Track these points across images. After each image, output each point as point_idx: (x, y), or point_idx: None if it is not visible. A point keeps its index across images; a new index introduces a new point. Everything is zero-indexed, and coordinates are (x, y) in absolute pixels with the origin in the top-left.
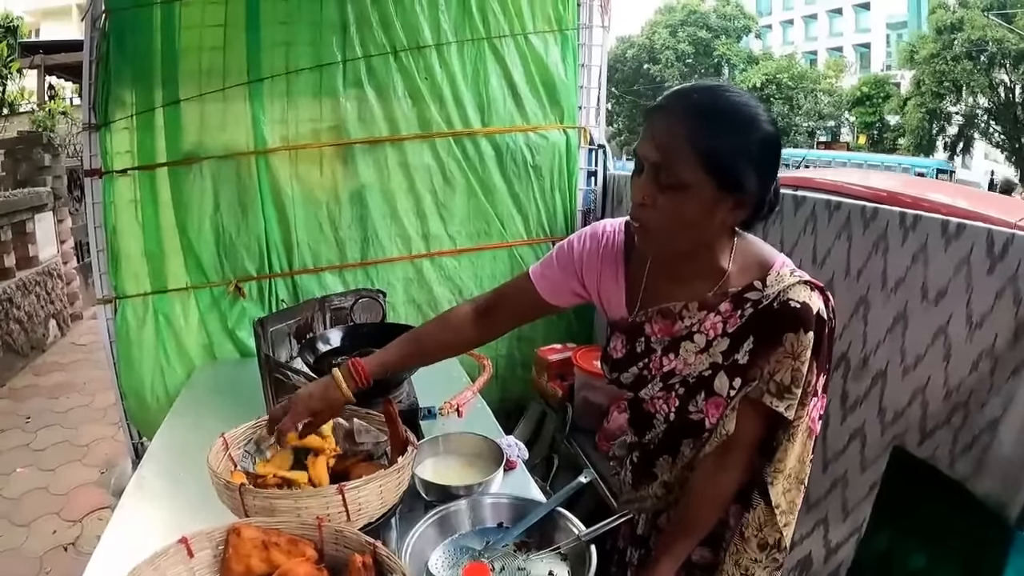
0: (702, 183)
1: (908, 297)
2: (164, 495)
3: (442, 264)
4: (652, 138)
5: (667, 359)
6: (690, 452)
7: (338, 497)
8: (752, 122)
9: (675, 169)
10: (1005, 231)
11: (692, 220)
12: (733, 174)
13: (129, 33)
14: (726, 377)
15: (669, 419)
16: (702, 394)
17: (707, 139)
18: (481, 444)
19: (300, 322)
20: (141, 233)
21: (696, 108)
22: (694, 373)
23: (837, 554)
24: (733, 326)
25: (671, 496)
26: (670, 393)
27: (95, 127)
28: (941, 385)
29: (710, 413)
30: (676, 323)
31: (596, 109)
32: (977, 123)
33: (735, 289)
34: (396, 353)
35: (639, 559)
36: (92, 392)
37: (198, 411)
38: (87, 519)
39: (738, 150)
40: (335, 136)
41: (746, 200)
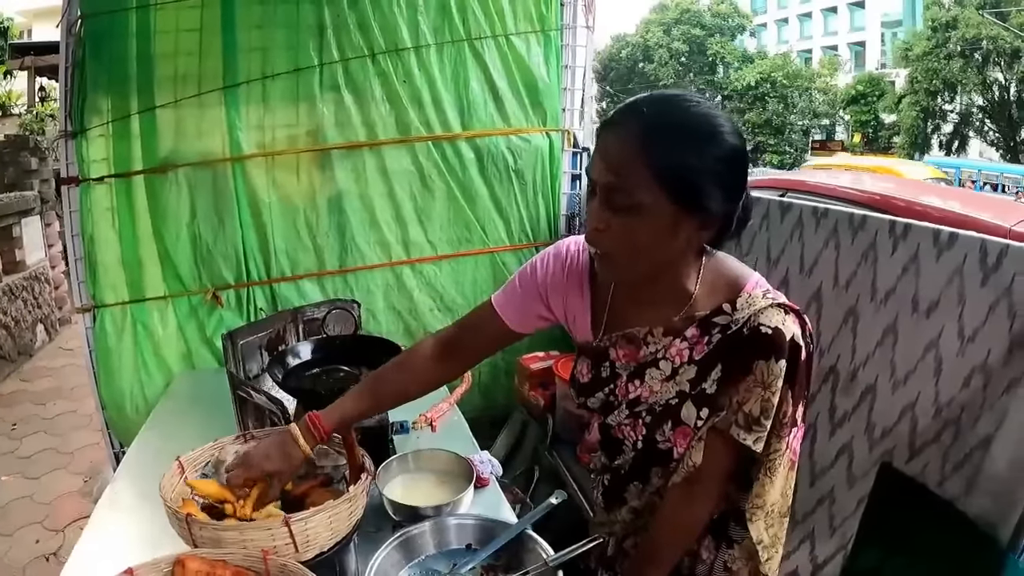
0: (660, 204)
1: (899, 309)
2: (137, 508)
3: (423, 271)
4: (603, 158)
5: (632, 385)
6: (659, 480)
7: (284, 529)
8: (712, 135)
9: (629, 190)
10: (999, 241)
11: (651, 244)
12: (693, 193)
13: (104, 39)
14: (693, 407)
15: (637, 447)
16: (669, 423)
17: (662, 156)
18: (452, 461)
19: (272, 334)
20: (118, 241)
21: (649, 123)
22: (660, 401)
23: (824, 570)
24: (700, 353)
25: (639, 521)
26: (637, 420)
27: (71, 134)
28: (931, 401)
29: (678, 443)
30: (641, 349)
31: (580, 111)
32: (972, 121)
33: (702, 313)
34: (353, 405)
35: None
36: (79, 398)
37: (174, 421)
38: (69, 528)
39: (697, 166)
40: (312, 141)
41: (710, 220)
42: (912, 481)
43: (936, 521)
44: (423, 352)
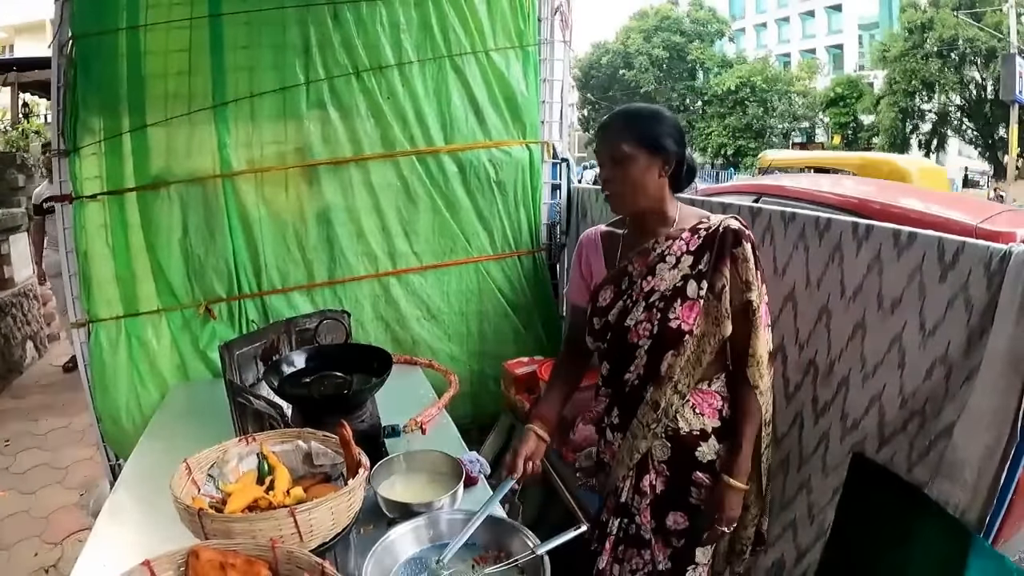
0: (637, 152)
1: (866, 305)
2: (137, 519)
3: (409, 281)
4: (603, 138)
5: (646, 281)
6: (667, 369)
7: (290, 519)
8: (660, 112)
9: (620, 150)
10: (956, 239)
11: (637, 179)
12: (656, 140)
13: (95, 59)
14: (695, 283)
15: (653, 334)
16: (678, 301)
17: (634, 126)
18: (442, 461)
19: (266, 345)
20: (112, 257)
21: (624, 112)
22: (670, 286)
23: (806, 557)
24: (694, 245)
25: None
26: (651, 311)
27: (64, 153)
28: (897, 392)
29: (685, 316)
30: (650, 255)
31: (559, 123)
32: (950, 120)
33: (689, 226)
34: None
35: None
36: (71, 414)
37: (171, 433)
38: (67, 541)
39: (654, 127)
40: (300, 158)
41: (670, 158)
42: (883, 469)
43: (906, 507)
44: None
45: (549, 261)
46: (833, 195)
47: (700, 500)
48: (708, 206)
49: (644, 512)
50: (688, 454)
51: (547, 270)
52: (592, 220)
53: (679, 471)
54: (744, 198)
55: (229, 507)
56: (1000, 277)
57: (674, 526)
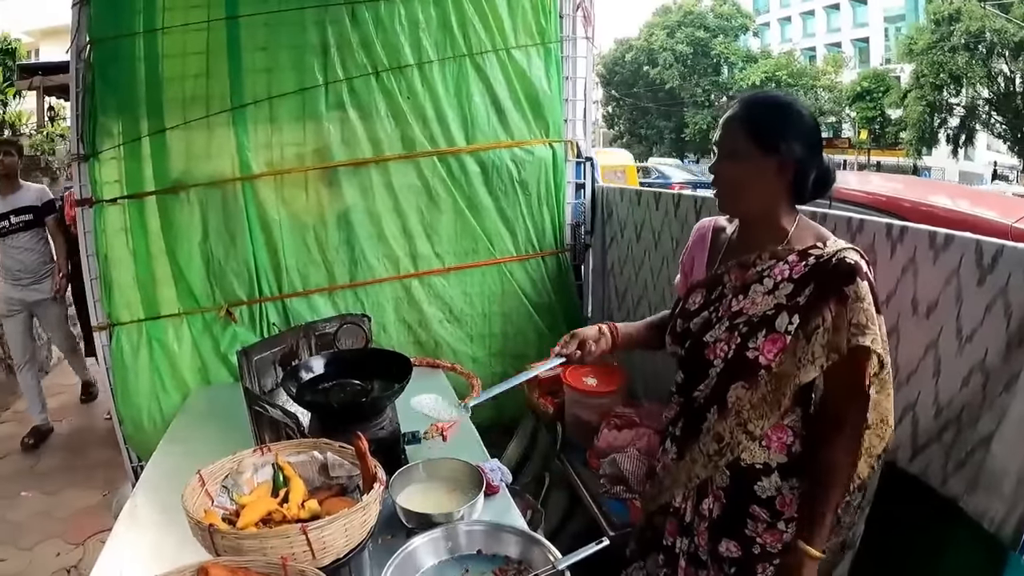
0: (749, 149)
1: (900, 310)
2: (156, 523)
3: (431, 283)
4: (721, 128)
5: (736, 300)
6: (734, 401)
7: (302, 537)
8: (786, 104)
9: (732, 144)
10: (995, 242)
11: (745, 180)
12: (774, 139)
13: (113, 63)
14: (787, 316)
15: (728, 358)
16: (763, 331)
17: (755, 118)
18: (463, 469)
19: (285, 350)
20: (132, 261)
21: (750, 101)
22: (759, 313)
23: (835, 570)
24: (798, 273)
25: (722, 447)
26: (733, 333)
27: (84, 157)
28: (932, 401)
29: (766, 350)
30: (750, 270)
31: (583, 121)
32: (978, 114)
33: (800, 247)
34: (635, 331)
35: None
36: (94, 414)
37: (191, 437)
38: (90, 542)
39: (778, 123)
40: (319, 159)
41: (787, 163)
42: (916, 480)
43: (939, 520)
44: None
45: (573, 262)
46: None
47: (756, 533)
48: None
49: (702, 535)
50: (747, 487)
51: (571, 271)
52: (618, 219)
53: (736, 501)
54: None
55: (242, 521)
56: None
57: (727, 553)
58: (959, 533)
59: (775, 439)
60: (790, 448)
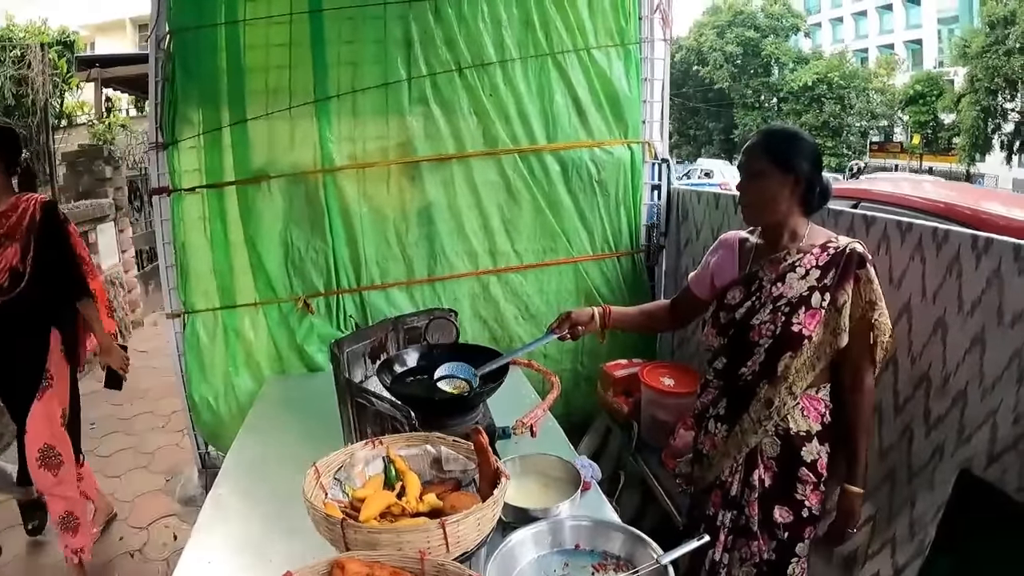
0: (772, 170)
1: (985, 320)
2: (241, 513)
3: (508, 280)
4: (745, 154)
5: (776, 287)
6: (783, 369)
7: (439, 531)
8: (796, 134)
9: (756, 166)
10: None
11: (769, 194)
12: (789, 161)
13: (193, 53)
14: (819, 295)
15: (775, 335)
16: (803, 308)
17: (772, 145)
18: (557, 465)
19: (374, 343)
20: (210, 250)
21: (767, 132)
22: (796, 295)
23: (903, 574)
24: (823, 261)
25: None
26: (776, 314)
27: (162, 146)
28: (1012, 409)
29: (807, 323)
30: (782, 263)
31: (660, 123)
32: None
33: (820, 242)
34: (629, 316)
35: (731, 520)
36: (155, 399)
37: (269, 427)
38: (154, 526)
39: (790, 148)
40: (402, 153)
41: (802, 179)
42: (992, 487)
43: (1014, 527)
44: (664, 306)
45: (647, 263)
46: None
47: (804, 496)
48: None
49: (752, 505)
50: (795, 452)
51: (645, 272)
52: (694, 222)
53: (787, 467)
54: (841, 203)
55: (363, 514)
56: None
57: (780, 519)
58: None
59: (813, 410)
60: (823, 418)
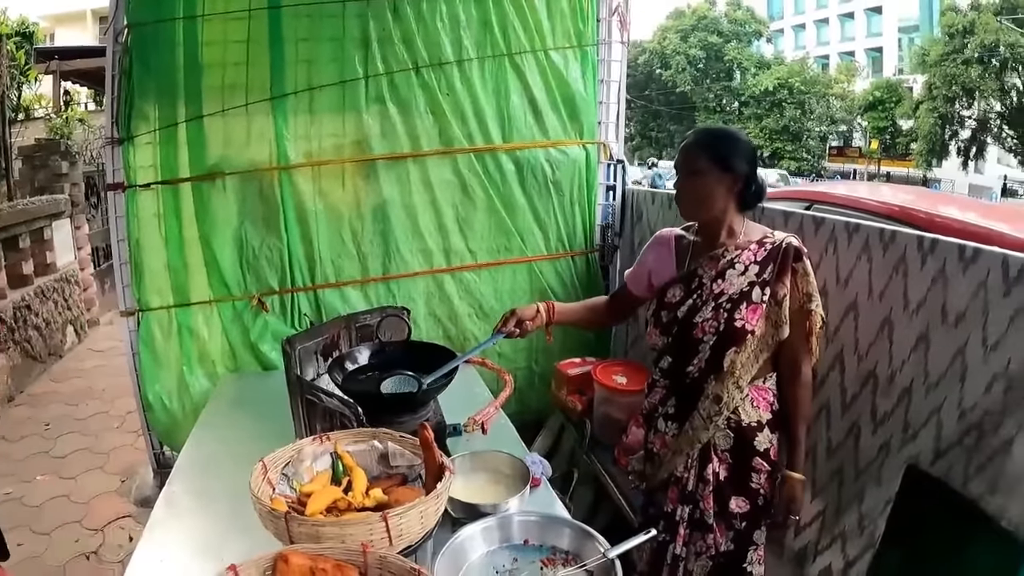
0: (711, 168)
1: (929, 319)
2: (194, 511)
3: (463, 279)
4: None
5: (716, 284)
6: (729, 364)
7: (382, 524)
8: (734, 134)
9: (695, 164)
10: (1021, 256)
11: (707, 192)
12: (728, 160)
13: (151, 48)
14: (759, 290)
15: (718, 331)
16: (744, 304)
17: (711, 144)
18: (507, 461)
19: (326, 340)
20: (164, 247)
21: (705, 131)
22: (737, 291)
23: (854, 567)
24: (761, 256)
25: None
26: (719, 311)
27: (118, 141)
28: (956, 406)
29: (749, 317)
30: (721, 260)
31: (615, 124)
32: (990, 127)
33: (756, 237)
34: (572, 311)
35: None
36: (110, 399)
37: (223, 425)
38: (109, 528)
39: (729, 148)
40: (358, 152)
41: (739, 178)
42: (938, 481)
43: (959, 520)
44: (604, 302)
45: (601, 262)
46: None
47: (759, 485)
48: (771, 215)
49: (707, 498)
50: (748, 443)
51: (600, 271)
52: (648, 222)
53: (741, 458)
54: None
55: (310, 509)
56: None
57: (737, 510)
58: (979, 532)
59: (762, 400)
60: (772, 406)
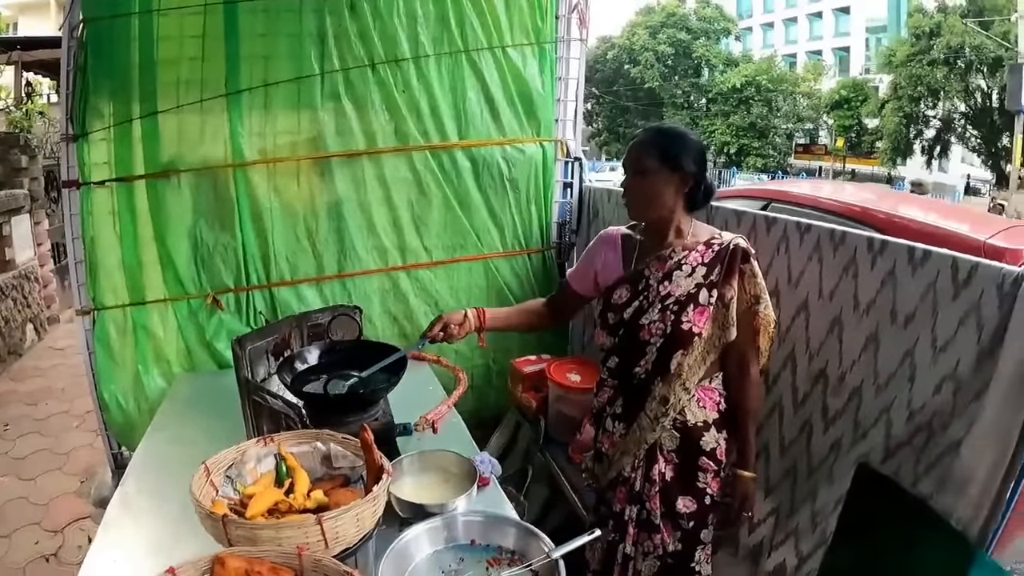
0: (659, 168)
1: (879, 319)
2: (148, 512)
3: (418, 276)
4: (631, 151)
5: (663, 286)
6: (676, 367)
7: (317, 527)
8: (685, 133)
9: (644, 164)
10: (970, 259)
11: (656, 192)
12: (678, 160)
13: (107, 43)
14: (706, 292)
15: (665, 333)
16: (691, 306)
17: (662, 144)
18: (455, 461)
19: (278, 339)
20: (119, 245)
21: (655, 130)
22: (684, 293)
23: (807, 563)
24: (708, 257)
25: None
26: (665, 313)
27: (72, 138)
28: (905, 406)
29: (696, 320)
30: (668, 261)
31: (573, 122)
32: (954, 127)
33: (704, 238)
34: (503, 316)
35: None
36: (70, 398)
37: (178, 424)
38: (69, 529)
39: (679, 148)
40: (313, 149)
41: (688, 178)
42: (888, 480)
43: (909, 518)
44: (541, 305)
45: (558, 259)
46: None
47: (706, 484)
48: (723, 214)
49: (653, 499)
50: (695, 443)
51: (556, 268)
52: (604, 220)
53: (688, 458)
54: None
55: (250, 511)
56: (1012, 299)
57: (684, 509)
58: (928, 530)
59: (708, 400)
60: (719, 406)
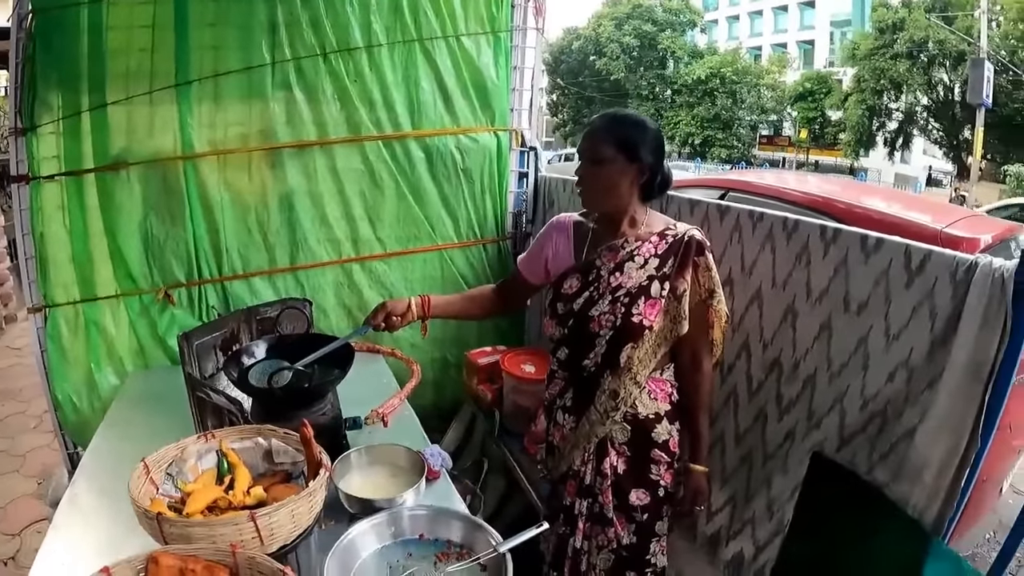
0: (615, 157)
1: (832, 308)
2: (98, 511)
3: (372, 268)
4: (586, 138)
5: (614, 277)
6: (626, 360)
7: (250, 524)
8: (645, 123)
9: (600, 152)
10: (923, 247)
11: (612, 181)
12: (635, 149)
13: (55, 34)
14: (659, 284)
15: (615, 326)
16: (642, 299)
17: (619, 132)
18: (404, 455)
19: (226, 334)
20: (69, 240)
21: (612, 117)
22: (636, 284)
23: (764, 552)
24: (661, 249)
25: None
26: (616, 305)
27: (21, 131)
28: (859, 394)
29: (647, 313)
30: (620, 252)
31: (529, 111)
32: (916, 120)
33: (658, 229)
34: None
35: (587, 507)
36: (28, 399)
37: (130, 422)
38: (26, 532)
39: (637, 136)
40: (263, 140)
41: (645, 167)
42: (843, 468)
43: (865, 506)
44: (490, 292)
45: (514, 250)
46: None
47: (659, 476)
48: (677, 203)
49: (606, 492)
50: (646, 435)
51: (512, 259)
52: (559, 209)
53: (640, 451)
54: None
55: (188, 508)
56: (965, 287)
57: (637, 502)
58: (884, 518)
59: (660, 391)
60: (671, 397)
